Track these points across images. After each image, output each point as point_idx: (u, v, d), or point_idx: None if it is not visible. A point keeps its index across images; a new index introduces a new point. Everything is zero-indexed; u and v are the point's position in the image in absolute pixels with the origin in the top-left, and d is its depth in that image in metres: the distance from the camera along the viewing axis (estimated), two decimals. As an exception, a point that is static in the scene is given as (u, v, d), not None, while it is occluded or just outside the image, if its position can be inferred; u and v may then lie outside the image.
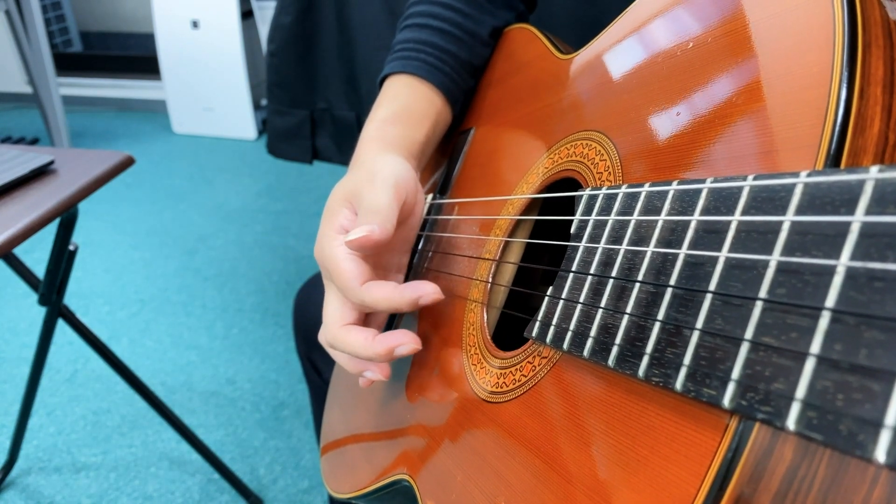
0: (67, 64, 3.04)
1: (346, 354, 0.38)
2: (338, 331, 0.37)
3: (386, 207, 0.36)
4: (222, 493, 1.06)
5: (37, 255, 1.68)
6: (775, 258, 0.18)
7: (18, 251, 0.73)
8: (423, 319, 0.45)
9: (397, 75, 0.48)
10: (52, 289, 0.83)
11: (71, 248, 0.80)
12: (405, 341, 0.35)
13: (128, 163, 0.70)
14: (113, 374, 0.92)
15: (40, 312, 0.88)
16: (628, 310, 0.23)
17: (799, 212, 0.18)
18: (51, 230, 0.70)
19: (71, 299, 1.54)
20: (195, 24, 2.51)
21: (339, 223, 0.38)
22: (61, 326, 0.88)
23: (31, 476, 1.09)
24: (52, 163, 0.66)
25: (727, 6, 0.26)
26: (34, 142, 2.58)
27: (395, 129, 0.45)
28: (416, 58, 0.48)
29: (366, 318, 0.41)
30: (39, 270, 0.82)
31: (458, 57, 0.49)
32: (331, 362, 0.60)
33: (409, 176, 0.40)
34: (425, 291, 0.35)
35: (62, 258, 0.79)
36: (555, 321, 0.28)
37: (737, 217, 0.20)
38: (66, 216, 0.74)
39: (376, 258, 0.40)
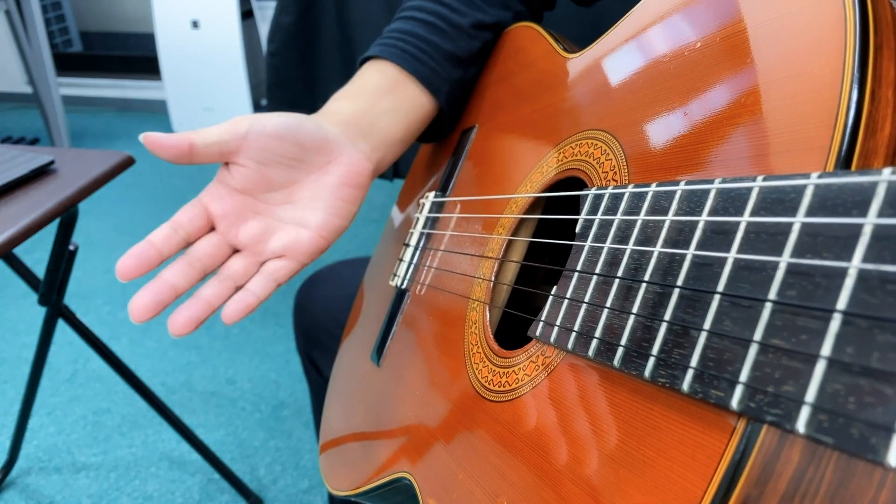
0: (67, 64, 3.04)
1: None
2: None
3: (214, 130, 0.41)
4: (222, 493, 1.05)
5: (37, 255, 1.67)
6: (785, 260, 0.18)
7: (18, 251, 0.73)
8: (424, 318, 0.45)
9: (374, 60, 0.49)
10: (52, 289, 0.82)
11: (71, 248, 0.80)
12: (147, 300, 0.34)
13: (128, 163, 0.70)
14: (113, 374, 0.91)
15: (40, 312, 0.88)
16: (634, 310, 0.23)
17: (810, 213, 0.18)
18: (51, 230, 0.70)
19: (71, 299, 1.52)
20: (195, 24, 2.50)
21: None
22: (61, 326, 0.88)
23: (31, 476, 1.09)
24: (52, 163, 0.66)
25: (737, 6, 0.26)
26: (34, 142, 2.58)
27: (335, 103, 0.46)
28: (394, 45, 0.49)
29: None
30: (39, 270, 0.82)
31: (440, 47, 0.49)
32: (331, 360, 0.60)
33: (285, 121, 0.43)
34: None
35: (62, 258, 0.79)
36: (559, 321, 0.28)
37: (746, 218, 0.20)
38: (66, 216, 0.74)
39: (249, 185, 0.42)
